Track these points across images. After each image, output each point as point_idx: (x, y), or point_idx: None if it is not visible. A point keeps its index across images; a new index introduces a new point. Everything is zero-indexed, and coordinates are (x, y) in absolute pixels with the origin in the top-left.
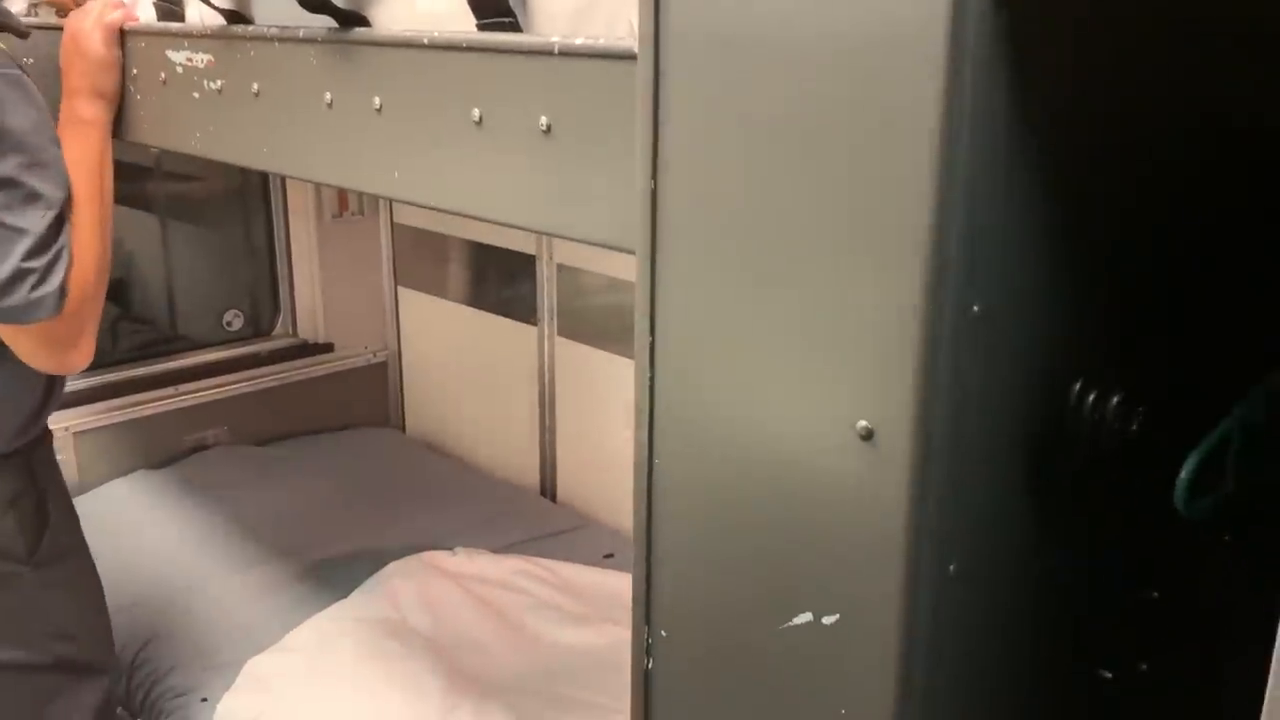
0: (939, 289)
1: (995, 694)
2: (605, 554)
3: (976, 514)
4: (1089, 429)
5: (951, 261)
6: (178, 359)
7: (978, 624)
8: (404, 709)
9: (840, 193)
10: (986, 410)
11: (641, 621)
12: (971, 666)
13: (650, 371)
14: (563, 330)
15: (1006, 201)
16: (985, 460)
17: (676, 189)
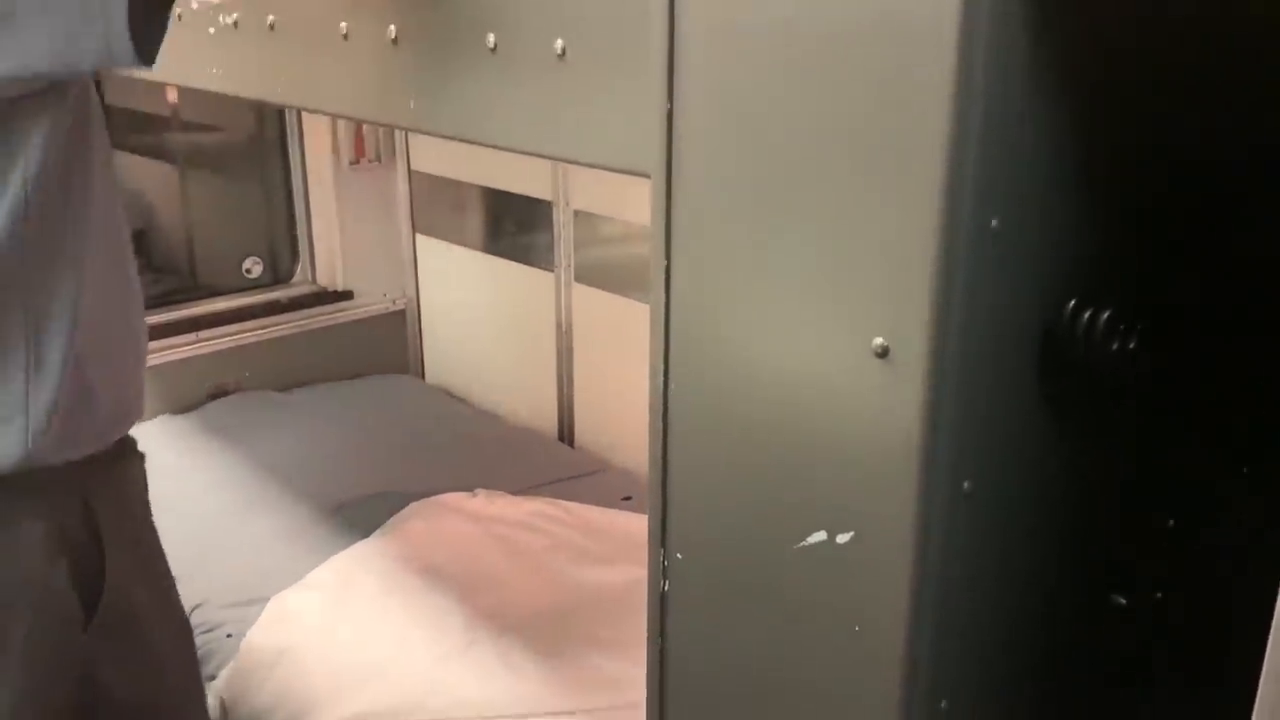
0: (956, 204)
1: (1008, 613)
2: (623, 496)
3: (990, 431)
4: (1099, 347)
5: (969, 177)
6: (198, 305)
7: (991, 542)
8: (425, 642)
9: (858, 110)
10: (1000, 327)
11: (657, 545)
12: (984, 585)
13: (666, 294)
14: (580, 276)
15: (1022, 117)
16: (999, 377)
17: (692, 111)
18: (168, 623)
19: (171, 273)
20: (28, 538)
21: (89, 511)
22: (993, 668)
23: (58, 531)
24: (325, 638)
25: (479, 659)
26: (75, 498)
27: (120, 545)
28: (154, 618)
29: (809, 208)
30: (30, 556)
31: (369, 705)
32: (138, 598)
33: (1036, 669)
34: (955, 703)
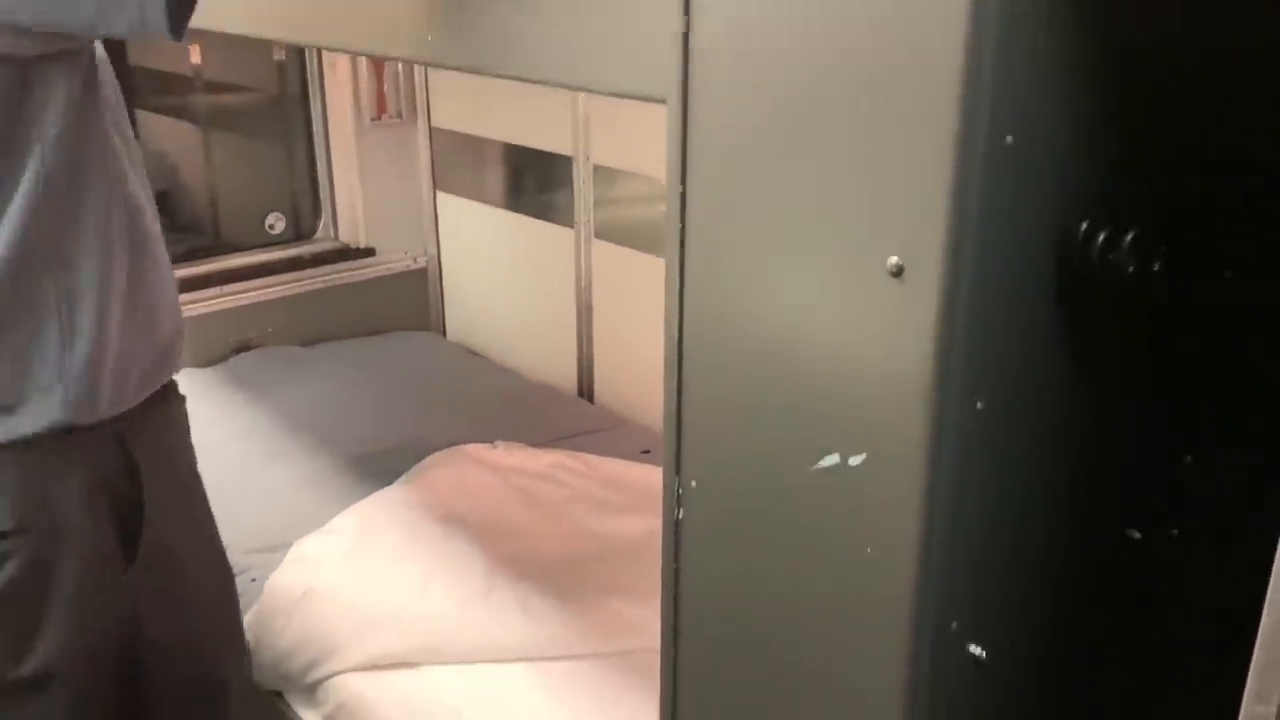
0: (971, 121)
1: (1020, 537)
2: (642, 450)
3: (1004, 351)
4: (1114, 268)
5: (984, 92)
6: (222, 260)
7: (1004, 465)
8: (446, 586)
9: (875, 28)
10: (1015, 246)
11: (672, 473)
12: (997, 507)
13: (681, 220)
14: (600, 232)
15: (1038, 31)
16: (1013, 297)
17: (708, 33)
18: (208, 566)
19: (195, 231)
20: (69, 485)
21: (128, 456)
22: (1005, 592)
23: (97, 476)
24: (347, 581)
25: (498, 604)
26: (114, 445)
27: (159, 488)
28: (193, 560)
29: (825, 128)
30: (71, 502)
31: (390, 647)
32: (178, 541)
33: (1048, 597)
34: (966, 625)
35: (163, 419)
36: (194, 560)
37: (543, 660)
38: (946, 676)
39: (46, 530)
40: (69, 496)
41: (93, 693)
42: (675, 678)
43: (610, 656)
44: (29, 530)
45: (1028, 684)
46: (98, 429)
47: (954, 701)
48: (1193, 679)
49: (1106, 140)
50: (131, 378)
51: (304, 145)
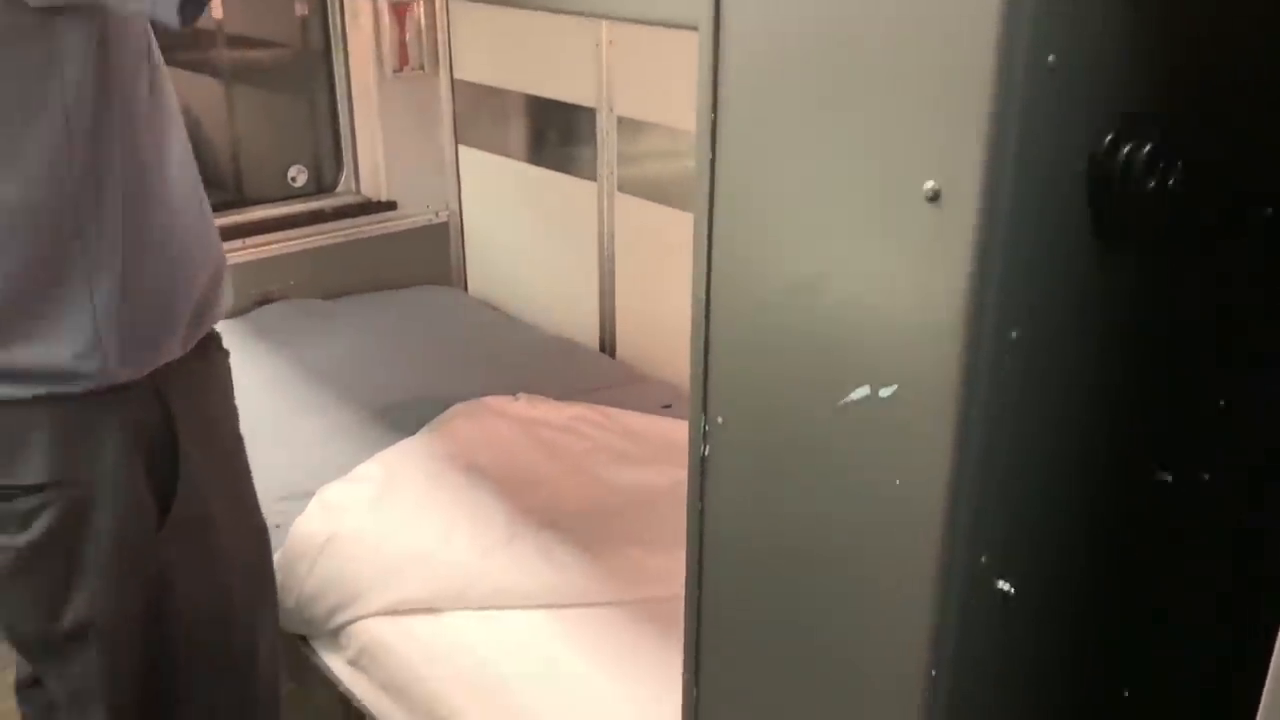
0: (1013, 39)
1: (1051, 472)
2: (663, 405)
3: (1040, 278)
4: (1137, 183)
5: (1025, 10)
6: (245, 212)
7: (1037, 395)
8: (468, 534)
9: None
10: (1053, 170)
11: (699, 410)
12: (1028, 440)
13: (712, 149)
14: (623, 186)
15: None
16: (1051, 223)
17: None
18: (242, 528)
19: (218, 186)
20: (105, 439)
21: (166, 412)
22: (1034, 528)
23: (135, 432)
24: (370, 527)
25: (520, 552)
26: (152, 399)
27: (196, 445)
28: (228, 522)
29: (863, 50)
30: (108, 456)
31: (412, 592)
32: (213, 501)
33: (1077, 534)
34: (994, 559)
35: (203, 375)
36: (228, 522)
37: (564, 607)
38: (974, 611)
39: (83, 484)
40: (106, 451)
41: (126, 651)
42: (699, 617)
43: (630, 604)
44: (65, 483)
45: (1054, 620)
46: (136, 384)
47: (981, 636)
48: (1216, 621)
49: (1149, 63)
50: (174, 329)
51: (326, 98)
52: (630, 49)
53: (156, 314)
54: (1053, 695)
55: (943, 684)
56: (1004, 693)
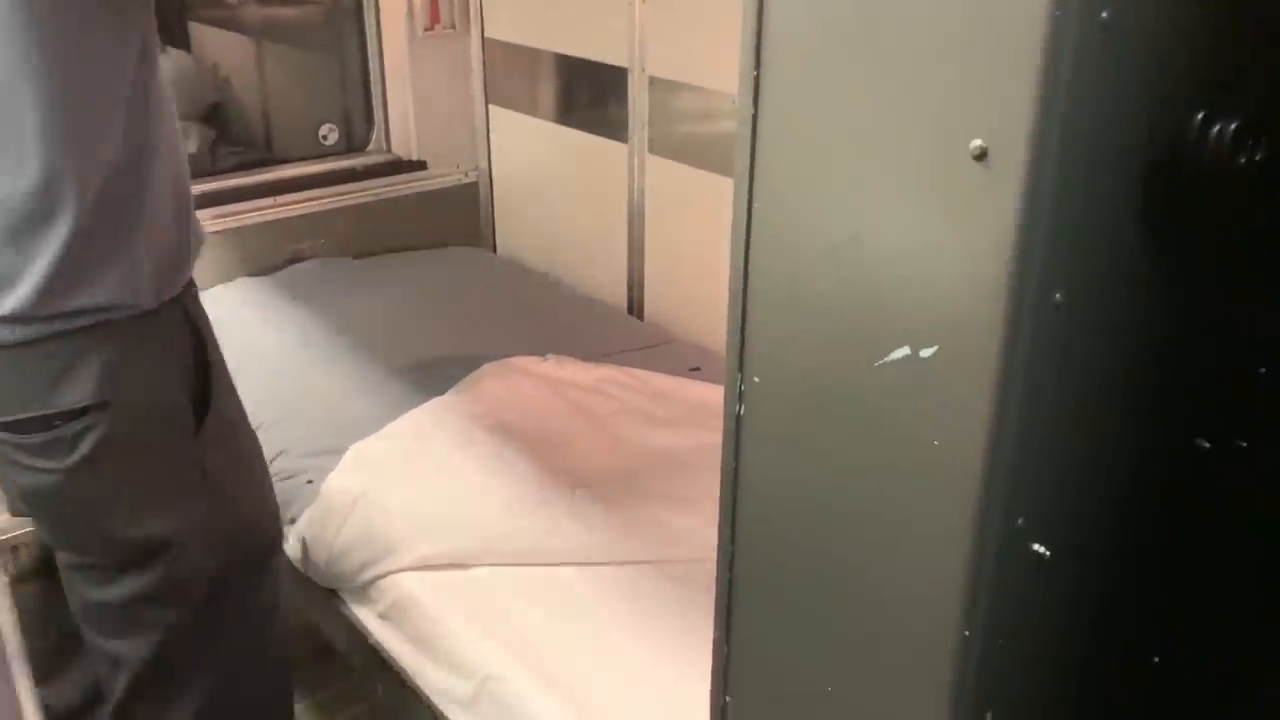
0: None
1: (1088, 438)
2: (691, 367)
3: (1086, 243)
4: (1206, 159)
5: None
6: (276, 170)
7: (1078, 361)
8: (496, 492)
9: None
10: (1106, 128)
11: (735, 370)
12: (1068, 404)
13: (755, 103)
14: (653, 147)
15: None
16: (1100, 185)
17: None
18: (251, 435)
19: (249, 145)
20: (146, 358)
21: (194, 328)
22: (1071, 492)
23: (170, 349)
24: (401, 485)
25: (548, 511)
26: (183, 319)
27: (217, 357)
28: (244, 429)
29: (912, 2)
30: (149, 374)
31: (441, 548)
32: (230, 409)
33: (1114, 500)
34: (1031, 522)
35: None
36: (245, 428)
37: (591, 565)
38: (1008, 574)
39: (125, 403)
40: (146, 369)
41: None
42: (731, 575)
43: (658, 564)
44: (110, 404)
45: (1089, 587)
46: (165, 307)
47: (1015, 598)
48: (1252, 590)
49: (1213, 24)
50: (183, 259)
51: (358, 56)
52: (663, 7)
53: (174, 247)
54: (1084, 661)
55: (975, 645)
56: (1036, 656)
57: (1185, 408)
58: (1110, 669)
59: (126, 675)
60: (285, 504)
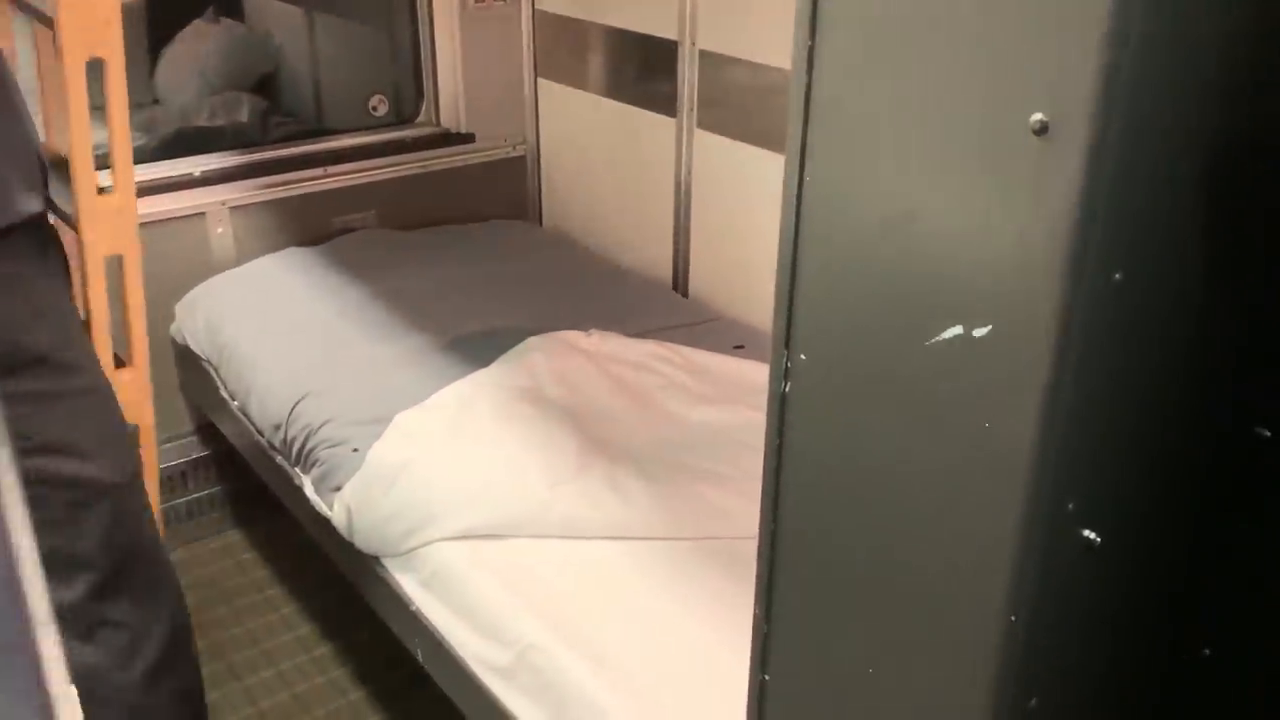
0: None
1: (1144, 423)
2: (735, 345)
3: (1148, 222)
4: (1272, 141)
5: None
6: (326, 141)
7: (1136, 344)
8: (539, 464)
9: None
10: (1170, 109)
11: (781, 346)
12: (1124, 387)
13: (808, 73)
14: (702, 122)
15: None
16: (1163, 163)
17: None
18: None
19: (300, 116)
20: None
21: None
22: (1125, 479)
23: None
24: (444, 455)
25: (589, 485)
26: None
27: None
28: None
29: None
30: None
31: (483, 519)
32: (34, 349)
33: (1169, 487)
34: (1081, 508)
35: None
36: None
37: (631, 540)
38: (1057, 559)
39: None
40: None
41: None
42: (773, 553)
43: (698, 541)
44: None
45: (1140, 575)
46: None
47: (1063, 584)
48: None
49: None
50: None
51: (408, 27)
52: None
53: None
54: (1132, 649)
55: (1021, 630)
56: (1083, 643)
57: (1245, 395)
58: (1159, 660)
59: None
60: (331, 471)
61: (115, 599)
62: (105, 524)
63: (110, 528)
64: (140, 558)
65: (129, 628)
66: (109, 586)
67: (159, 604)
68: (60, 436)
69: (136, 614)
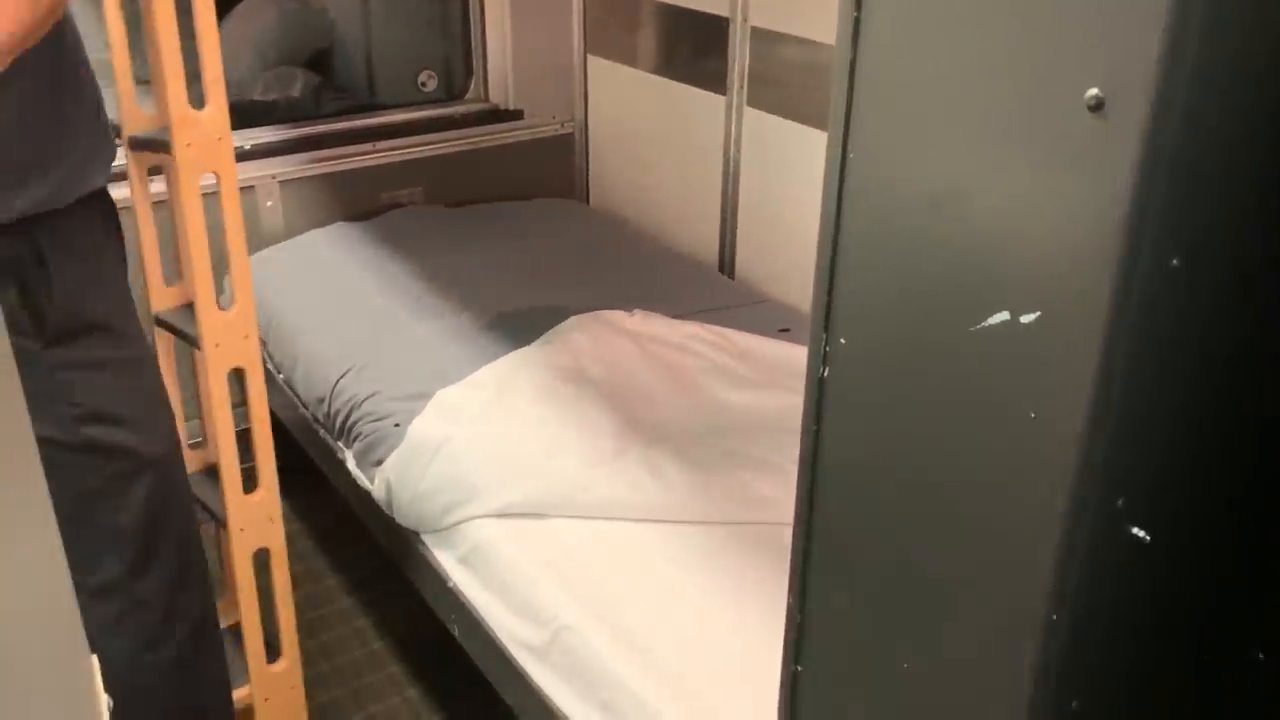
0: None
1: (1198, 418)
2: (781, 328)
3: (1209, 205)
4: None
5: None
6: (376, 116)
7: (1191, 332)
8: (578, 444)
9: None
10: (1235, 85)
11: (820, 329)
12: (1178, 380)
13: (854, 46)
14: (752, 100)
15: None
16: (1226, 143)
17: None
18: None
19: (352, 90)
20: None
21: (38, 248)
22: (1177, 475)
23: (6, 263)
24: (484, 433)
25: (627, 466)
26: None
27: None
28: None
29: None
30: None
31: (521, 497)
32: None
33: (1222, 485)
34: (1131, 504)
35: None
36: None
37: (669, 523)
38: (1104, 555)
39: None
40: None
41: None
42: (808, 540)
43: (736, 526)
44: None
45: (1191, 575)
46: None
47: (1110, 582)
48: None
49: None
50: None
51: (459, 3)
52: None
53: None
54: (1182, 652)
55: (1063, 630)
56: (1129, 644)
57: None
58: (1210, 664)
59: None
60: (373, 445)
61: (148, 577)
62: (146, 497)
63: (151, 501)
64: (176, 534)
65: (158, 609)
66: (142, 563)
67: (189, 585)
68: (109, 405)
69: (167, 594)
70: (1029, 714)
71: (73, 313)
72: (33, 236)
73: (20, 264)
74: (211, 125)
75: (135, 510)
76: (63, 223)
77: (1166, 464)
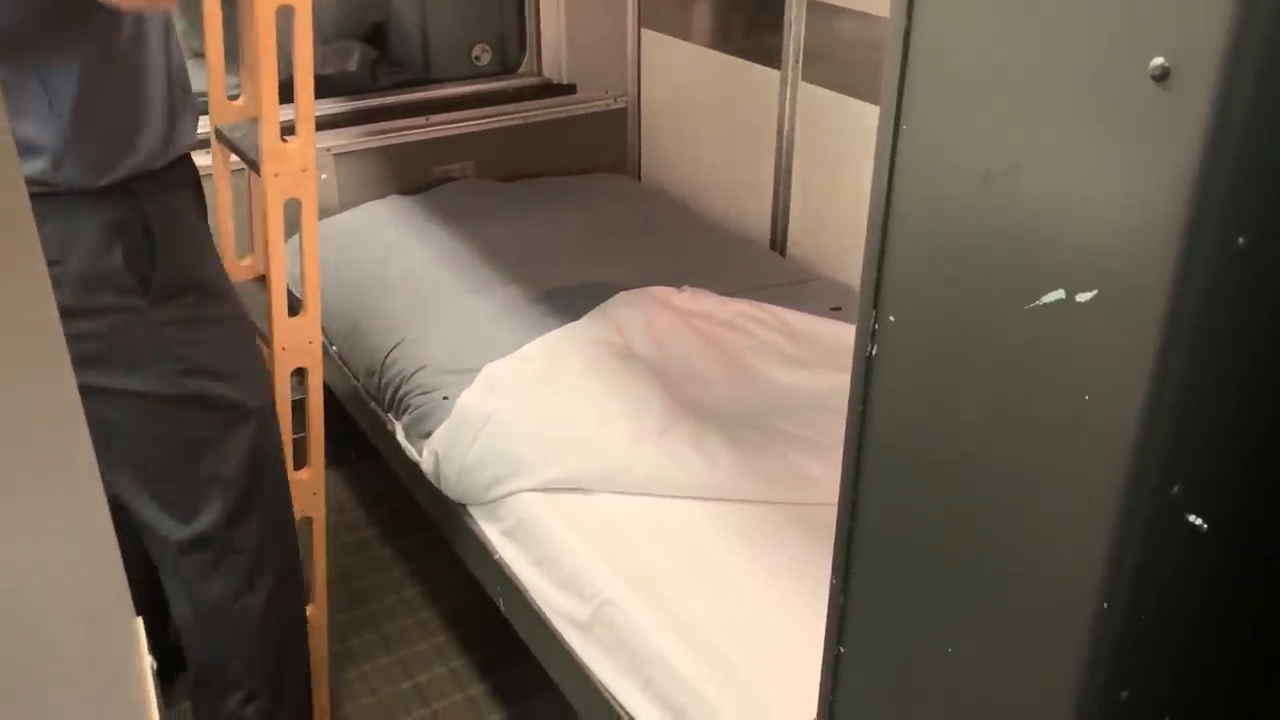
0: None
1: (1259, 403)
2: (832, 307)
3: (1278, 184)
4: None
5: None
6: (429, 89)
7: (1255, 315)
8: (624, 420)
9: None
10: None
11: (869, 307)
12: (1239, 363)
13: (908, 16)
14: (808, 75)
15: None
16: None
17: None
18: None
19: (407, 64)
20: (87, 231)
21: (142, 212)
22: (1235, 460)
23: (113, 225)
24: (531, 407)
25: (673, 443)
26: (129, 201)
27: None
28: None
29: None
30: (89, 244)
31: (567, 471)
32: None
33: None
34: (1188, 491)
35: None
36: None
37: (714, 500)
38: (1158, 545)
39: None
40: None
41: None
42: (853, 522)
43: (781, 505)
44: (65, 261)
45: (1248, 565)
46: (117, 188)
47: (1163, 573)
48: None
49: None
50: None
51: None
52: None
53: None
54: (1235, 645)
55: (1114, 620)
56: (1182, 636)
57: None
58: (1265, 656)
59: None
60: (422, 418)
61: (244, 525)
62: (247, 448)
63: (251, 452)
64: (272, 485)
65: (248, 555)
66: (241, 512)
67: (280, 534)
68: (212, 360)
69: (257, 543)
70: (1076, 703)
71: (175, 272)
72: (137, 199)
73: (126, 226)
74: (298, 157)
75: (237, 460)
76: (160, 187)
77: (1225, 450)
